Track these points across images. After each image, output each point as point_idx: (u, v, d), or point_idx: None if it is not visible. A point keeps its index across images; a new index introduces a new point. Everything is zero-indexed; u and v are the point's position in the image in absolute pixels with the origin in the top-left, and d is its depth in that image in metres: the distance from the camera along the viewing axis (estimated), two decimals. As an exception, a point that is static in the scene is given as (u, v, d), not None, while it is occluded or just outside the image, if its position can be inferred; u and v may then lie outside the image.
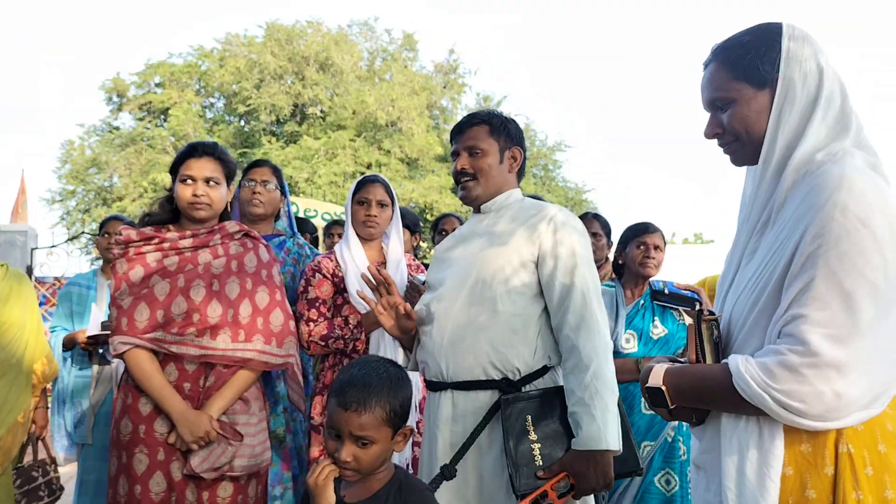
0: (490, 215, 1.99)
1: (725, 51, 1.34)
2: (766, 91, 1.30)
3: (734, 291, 1.36)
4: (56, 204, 16.64)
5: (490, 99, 17.22)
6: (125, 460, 2.10)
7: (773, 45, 1.29)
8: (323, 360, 2.66)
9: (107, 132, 17.05)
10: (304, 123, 16.10)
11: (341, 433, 1.43)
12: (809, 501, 1.20)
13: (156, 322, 2.13)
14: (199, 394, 2.14)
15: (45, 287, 8.01)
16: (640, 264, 2.89)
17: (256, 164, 2.90)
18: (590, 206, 17.10)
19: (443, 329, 1.89)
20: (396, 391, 1.48)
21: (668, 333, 2.86)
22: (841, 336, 1.14)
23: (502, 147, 1.99)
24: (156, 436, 2.09)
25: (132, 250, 2.19)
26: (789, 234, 1.21)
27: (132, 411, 2.12)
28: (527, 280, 1.86)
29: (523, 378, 1.83)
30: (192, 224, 2.26)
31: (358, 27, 17.29)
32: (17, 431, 2.90)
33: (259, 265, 2.28)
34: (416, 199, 14.55)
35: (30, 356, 2.97)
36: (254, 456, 2.16)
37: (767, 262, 1.25)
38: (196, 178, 2.20)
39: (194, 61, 17.09)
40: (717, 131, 1.36)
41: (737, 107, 1.32)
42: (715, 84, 1.34)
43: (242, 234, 2.32)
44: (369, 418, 1.42)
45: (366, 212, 2.65)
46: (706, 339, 1.31)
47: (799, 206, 1.21)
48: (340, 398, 1.44)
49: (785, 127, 1.28)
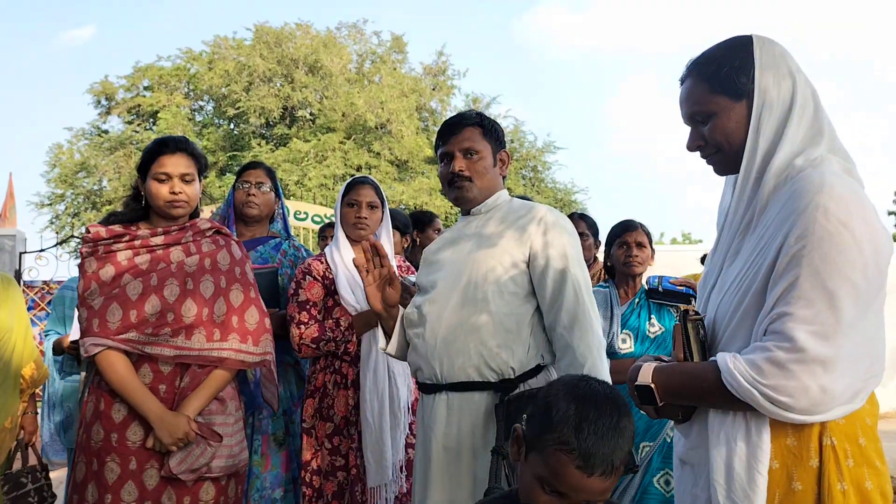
0: (479, 217, 2.00)
1: (701, 66, 1.38)
2: (743, 102, 1.34)
3: (718, 292, 1.38)
4: (45, 208, 16.54)
5: (479, 100, 17.25)
6: (96, 467, 2.05)
7: (746, 56, 1.34)
8: (314, 362, 2.66)
9: (95, 136, 16.96)
10: (294, 126, 16.07)
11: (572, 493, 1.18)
12: (796, 493, 1.23)
13: (129, 322, 2.06)
14: (175, 395, 2.10)
15: (33, 291, 7.96)
16: (625, 264, 2.88)
17: (250, 166, 2.88)
18: (579, 206, 17.15)
19: (435, 331, 1.89)
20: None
21: (666, 331, 2.84)
22: (826, 333, 1.17)
23: (494, 149, 2.00)
24: (128, 444, 2.04)
25: (101, 249, 2.12)
26: (773, 236, 1.25)
27: (104, 418, 2.06)
28: (518, 280, 1.87)
29: (517, 377, 1.84)
30: (163, 221, 2.19)
31: (347, 30, 17.29)
32: (5, 437, 2.88)
33: (232, 262, 2.23)
34: (406, 200, 14.55)
35: (17, 360, 2.95)
36: (232, 456, 2.14)
37: (751, 263, 1.29)
38: (172, 174, 2.13)
39: (183, 64, 17.02)
40: (699, 144, 1.40)
41: (717, 119, 1.36)
42: (694, 98, 1.38)
43: (214, 231, 2.26)
44: (613, 480, 1.20)
45: (356, 214, 2.65)
46: (693, 337, 1.34)
47: (781, 209, 1.25)
48: (584, 463, 1.15)
49: (763, 135, 1.32)
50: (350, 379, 2.57)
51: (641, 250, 2.89)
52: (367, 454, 2.48)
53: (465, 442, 1.84)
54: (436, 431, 1.88)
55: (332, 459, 2.55)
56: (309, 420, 2.59)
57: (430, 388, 1.91)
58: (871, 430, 1.26)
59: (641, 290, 2.91)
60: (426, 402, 1.94)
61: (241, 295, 2.21)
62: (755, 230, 1.32)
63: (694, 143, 1.41)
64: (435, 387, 1.90)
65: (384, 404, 2.51)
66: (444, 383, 1.88)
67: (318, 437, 2.58)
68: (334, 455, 2.56)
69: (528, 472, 1.21)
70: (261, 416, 2.64)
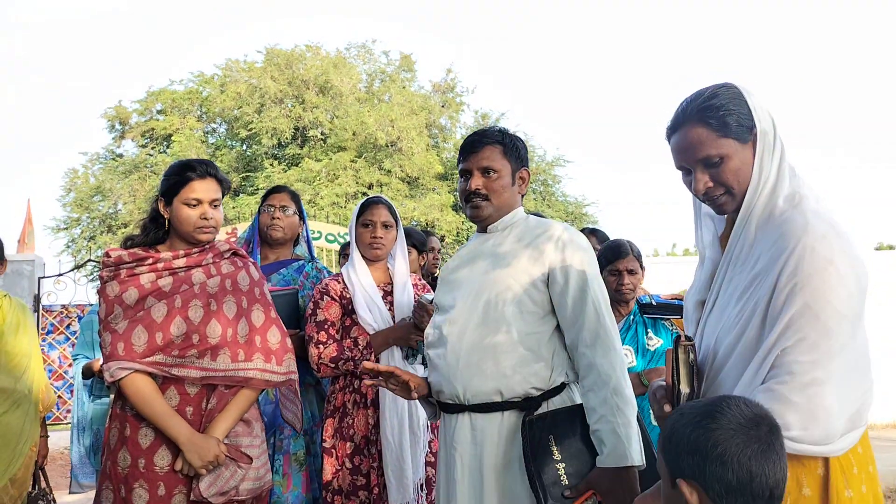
0: (496, 235, 2.00)
1: (704, 112, 1.45)
2: (748, 145, 1.45)
3: (715, 321, 1.47)
4: (61, 232, 16.72)
5: (488, 116, 17.32)
6: (123, 494, 2.03)
7: (742, 103, 1.45)
8: (334, 381, 2.68)
9: (110, 160, 17.16)
10: (306, 146, 16.20)
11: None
12: (806, 499, 1.33)
13: (155, 345, 2.06)
14: (202, 417, 2.09)
15: (52, 315, 8.05)
16: (617, 291, 2.85)
17: (276, 191, 2.95)
18: (590, 219, 17.14)
19: (457, 351, 1.88)
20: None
21: (664, 344, 2.87)
22: (820, 360, 1.30)
23: (514, 168, 1.99)
24: (156, 469, 2.03)
25: (124, 272, 2.11)
26: (765, 271, 1.37)
27: (131, 443, 2.05)
28: (538, 299, 1.86)
29: (541, 396, 1.84)
30: (182, 244, 2.20)
31: (356, 50, 17.45)
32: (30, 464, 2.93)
33: (252, 283, 2.25)
34: (418, 217, 14.59)
35: (37, 386, 3.00)
36: (258, 479, 2.14)
37: (748, 297, 1.40)
38: (203, 200, 2.15)
39: (195, 87, 17.22)
40: (709, 185, 1.47)
41: (729, 162, 1.45)
42: (705, 144, 1.45)
43: (231, 252, 2.28)
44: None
45: (371, 234, 2.67)
46: (682, 362, 1.39)
47: (772, 247, 1.38)
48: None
49: (764, 174, 1.43)
50: (370, 398, 2.59)
51: (633, 277, 2.89)
52: (388, 473, 2.49)
53: (488, 462, 1.83)
54: (459, 452, 1.87)
55: (353, 479, 2.56)
56: (329, 440, 2.60)
57: (453, 408, 1.91)
58: (865, 437, 1.40)
59: (635, 308, 2.94)
60: (448, 423, 1.93)
61: (262, 315, 2.22)
62: (747, 261, 1.44)
63: (704, 185, 1.47)
64: (457, 407, 1.89)
65: (404, 423, 2.52)
66: (466, 404, 1.87)
67: (338, 457, 2.59)
68: (355, 474, 2.57)
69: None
70: (282, 437, 2.67)
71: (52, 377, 7.98)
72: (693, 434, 1.16)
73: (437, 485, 2.01)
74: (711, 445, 1.14)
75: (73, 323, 8.13)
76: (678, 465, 1.18)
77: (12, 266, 7.89)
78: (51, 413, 7.86)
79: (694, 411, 1.20)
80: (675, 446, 1.18)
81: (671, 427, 1.21)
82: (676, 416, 1.23)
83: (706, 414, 1.17)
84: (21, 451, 2.84)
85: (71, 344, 7.98)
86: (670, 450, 1.20)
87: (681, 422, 1.20)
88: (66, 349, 8.02)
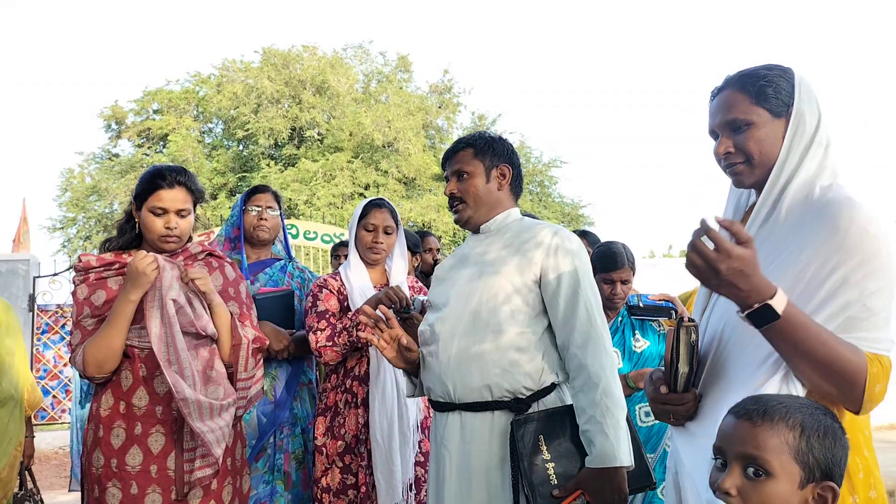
0: (488, 236, 2.01)
1: (745, 78, 1.43)
2: (781, 120, 1.41)
3: (723, 307, 1.42)
4: (57, 232, 16.69)
5: (485, 117, 17.34)
6: (97, 494, 2.04)
7: (789, 80, 1.42)
8: (326, 379, 2.69)
9: (106, 159, 17.14)
10: (302, 146, 16.20)
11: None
12: None
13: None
14: (173, 417, 2.07)
15: (47, 315, 8.03)
16: (608, 299, 2.86)
17: (259, 190, 2.92)
18: (586, 221, 17.17)
19: (448, 350, 1.89)
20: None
21: (651, 345, 2.88)
22: (889, 347, 1.26)
23: (488, 166, 2.00)
24: (128, 469, 2.03)
25: (93, 276, 2.13)
26: (801, 248, 1.31)
27: (103, 444, 2.05)
28: (529, 300, 1.87)
29: (531, 396, 1.85)
30: (154, 248, 2.19)
31: (353, 50, 17.46)
32: (15, 464, 2.93)
33: (225, 283, 2.25)
34: (415, 218, 14.60)
35: (22, 385, 3.00)
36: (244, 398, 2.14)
37: (779, 273, 1.30)
38: (168, 209, 2.13)
39: (192, 87, 17.21)
40: (730, 150, 1.44)
41: (755, 130, 1.41)
42: (736, 107, 1.43)
43: (206, 254, 2.27)
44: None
45: (373, 238, 2.67)
46: (683, 342, 1.38)
47: (810, 224, 1.32)
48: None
49: (793, 155, 1.39)
50: (360, 398, 2.60)
51: (626, 286, 2.90)
52: (378, 474, 2.49)
53: (478, 461, 1.84)
54: (449, 450, 1.88)
55: (343, 478, 2.57)
56: (321, 438, 2.62)
57: (443, 406, 1.92)
58: (869, 440, 1.34)
59: (623, 309, 2.95)
60: (439, 421, 1.94)
61: (236, 310, 2.22)
62: (772, 241, 1.37)
63: (725, 149, 1.44)
64: (448, 405, 1.90)
65: (393, 423, 2.53)
66: (457, 403, 1.88)
67: (328, 456, 2.60)
68: (345, 473, 2.58)
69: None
70: (282, 436, 2.68)
71: (46, 377, 7.96)
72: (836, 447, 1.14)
73: (428, 483, 2.02)
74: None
75: (69, 323, 8.11)
76: (829, 469, 1.13)
77: (7, 265, 7.88)
78: (45, 413, 7.88)
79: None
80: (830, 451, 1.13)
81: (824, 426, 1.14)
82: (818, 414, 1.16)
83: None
84: (5, 450, 2.84)
85: (66, 343, 7.96)
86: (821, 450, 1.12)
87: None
88: (61, 349, 8.00)
